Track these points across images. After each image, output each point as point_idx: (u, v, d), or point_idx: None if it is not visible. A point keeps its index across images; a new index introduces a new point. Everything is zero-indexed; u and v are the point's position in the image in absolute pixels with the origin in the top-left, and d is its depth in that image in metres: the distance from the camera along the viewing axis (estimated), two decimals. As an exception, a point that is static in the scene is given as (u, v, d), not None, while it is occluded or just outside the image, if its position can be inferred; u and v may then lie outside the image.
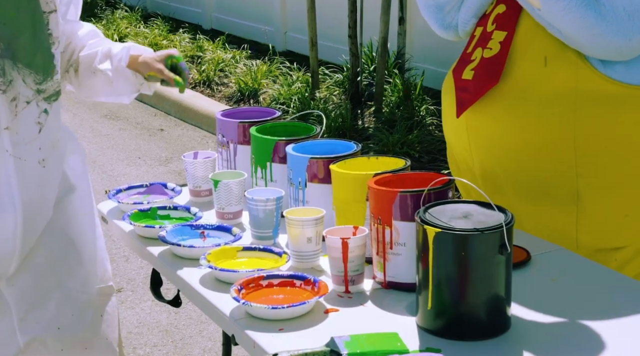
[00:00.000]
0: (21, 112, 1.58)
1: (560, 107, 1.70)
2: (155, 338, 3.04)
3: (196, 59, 6.17)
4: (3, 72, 1.55)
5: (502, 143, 1.79)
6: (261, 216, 1.76)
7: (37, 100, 1.60)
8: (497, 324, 1.41)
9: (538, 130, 1.73)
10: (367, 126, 4.74)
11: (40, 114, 1.61)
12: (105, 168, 4.65)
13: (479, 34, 1.80)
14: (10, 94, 1.56)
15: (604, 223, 1.76)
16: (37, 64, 1.61)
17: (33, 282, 1.67)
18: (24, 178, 1.59)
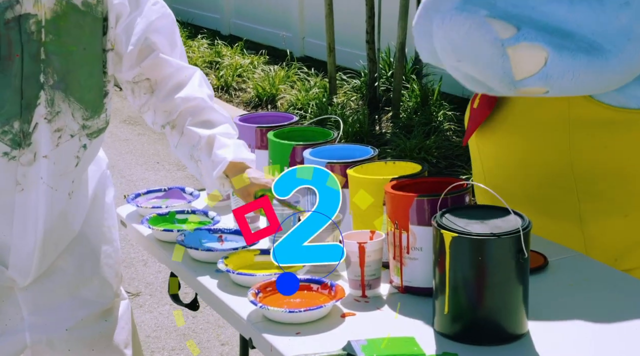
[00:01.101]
0: (63, 144, 1.59)
1: (555, 132, 1.72)
2: (173, 342, 3.05)
3: (214, 65, 6.21)
4: (52, 102, 1.57)
5: (506, 169, 1.82)
6: (279, 220, 1.76)
7: (80, 135, 1.62)
8: (514, 329, 1.40)
9: (537, 156, 1.76)
10: (384, 131, 4.74)
11: (80, 149, 1.63)
12: (124, 173, 4.68)
13: None
14: (55, 125, 1.58)
15: (612, 247, 1.76)
16: (87, 101, 1.62)
17: (46, 289, 1.70)
18: (51, 208, 1.61)
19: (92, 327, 1.76)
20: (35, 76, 1.54)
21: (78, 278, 1.74)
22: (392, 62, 5.12)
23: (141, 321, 3.18)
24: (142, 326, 3.15)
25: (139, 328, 3.13)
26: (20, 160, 1.56)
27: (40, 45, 1.54)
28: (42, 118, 1.56)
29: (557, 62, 1.56)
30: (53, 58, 1.55)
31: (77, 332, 1.73)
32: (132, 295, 3.37)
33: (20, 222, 1.60)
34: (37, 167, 1.57)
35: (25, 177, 1.57)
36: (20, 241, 1.61)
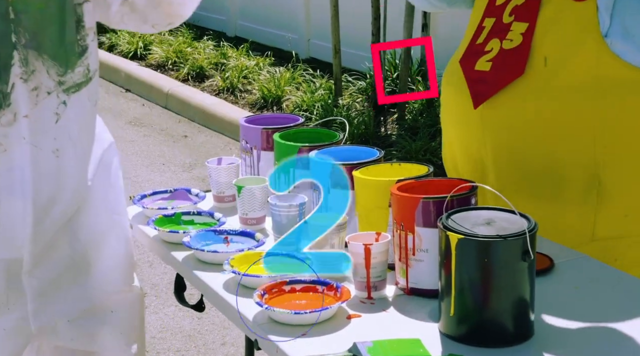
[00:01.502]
0: (42, 102, 1.59)
1: (579, 94, 1.70)
2: (178, 343, 3.05)
3: (220, 66, 6.21)
4: (26, 62, 1.57)
5: (519, 131, 1.77)
6: (284, 222, 1.77)
7: (57, 92, 1.61)
8: (520, 331, 1.40)
9: (555, 119, 1.72)
10: (389, 133, 4.74)
11: (59, 105, 1.62)
12: (129, 174, 4.69)
13: (489, 24, 1.80)
14: (32, 84, 1.58)
15: (624, 213, 1.74)
16: (60, 57, 1.61)
17: (52, 276, 1.68)
18: (37, 167, 1.60)
19: (97, 318, 1.74)
20: (7, 36, 1.54)
21: (83, 265, 1.72)
22: (397, 63, 5.12)
23: (147, 323, 3.17)
24: (147, 327, 3.15)
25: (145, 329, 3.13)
26: (0, 121, 1.56)
27: (8, 4, 1.53)
28: (18, 78, 1.56)
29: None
30: (22, 17, 1.54)
31: (81, 322, 1.72)
32: (137, 296, 3.38)
33: (6, 185, 1.58)
34: (17, 126, 1.57)
35: (6, 137, 1.57)
36: (8, 206, 1.59)
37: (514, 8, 1.77)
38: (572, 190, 1.75)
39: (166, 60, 6.54)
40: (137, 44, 6.84)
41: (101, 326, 1.75)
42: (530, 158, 1.77)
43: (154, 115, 5.82)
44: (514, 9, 1.77)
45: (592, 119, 1.70)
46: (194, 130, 5.49)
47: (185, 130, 5.50)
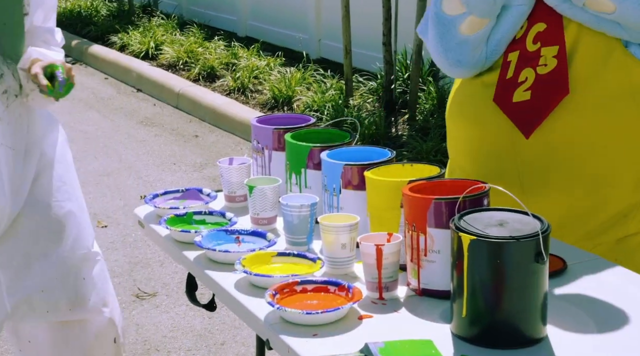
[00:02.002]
0: (11, 105, 1.68)
1: (620, 103, 1.74)
2: (189, 342, 3.06)
3: (231, 66, 6.22)
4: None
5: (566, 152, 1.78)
6: (295, 222, 1.77)
7: (20, 95, 1.72)
8: (532, 333, 1.40)
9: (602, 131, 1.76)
10: (400, 134, 4.74)
11: (22, 108, 1.73)
12: (140, 174, 4.70)
13: (514, 58, 1.82)
14: (2, 87, 1.67)
15: None
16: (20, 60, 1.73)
17: (19, 249, 1.77)
18: (12, 166, 1.70)
19: (69, 287, 1.81)
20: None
21: (43, 236, 1.80)
22: (408, 64, 5.11)
23: (158, 322, 3.19)
24: (158, 326, 3.16)
25: (156, 328, 3.15)
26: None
27: None
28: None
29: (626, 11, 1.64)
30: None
31: (54, 292, 1.79)
32: (148, 295, 3.39)
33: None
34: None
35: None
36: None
37: (536, 35, 1.80)
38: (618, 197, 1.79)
39: (177, 60, 6.55)
40: (149, 44, 6.86)
41: (74, 295, 1.83)
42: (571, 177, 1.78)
43: (165, 115, 5.83)
44: (537, 36, 1.80)
45: (636, 125, 1.75)
46: (204, 130, 5.49)
47: (196, 130, 5.51)
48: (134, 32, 7.24)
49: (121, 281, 3.49)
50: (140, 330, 3.14)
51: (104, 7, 8.30)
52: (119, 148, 5.14)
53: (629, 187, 1.79)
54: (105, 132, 5.45)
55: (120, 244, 3.81)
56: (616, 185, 1.79)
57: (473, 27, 1.82)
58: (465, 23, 1.82)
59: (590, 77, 1.76)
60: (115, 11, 8.15)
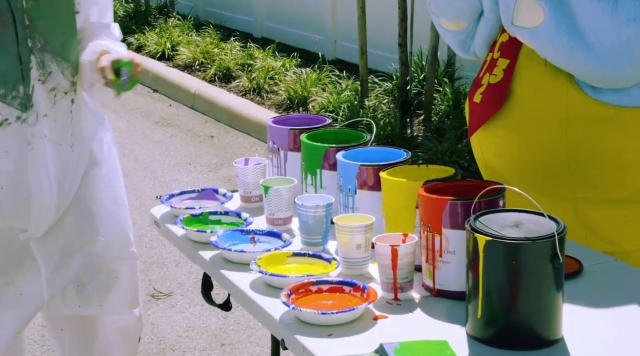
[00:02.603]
0: (59, 102, 1.73)
1: (552, 127, 1.80)
2: (204, 342, 3.07)
3: (247, 67, 6.24)
4: (43, 64, 1.70)
5: (506, 160, 1.89)
6: (311, 222, 1.77)
7: (71, 91, 1.75)
8: (548, 334, 1.39)
9: (535, 150, 1.83)
10: (416, 135, 4.73)
11: (72, 104, 1.76)
12: (156, 174, 4.72)
13: (489, 59, 1.91)
14: (50, 85, 1.71)
15: (608, 231, 1.82)
16: (72, 59, 1.76)
17: (60, 244, 1.82)
18: (59, 162, 1.75)
19: (102, 284, 1.87)
20: (25, 41, 1.68)
21: (86, 233, 1.86)
22: (424, 65, 5.11)
23: (173, 321, 3.20)
24: (173, 326, 3.17)
25: (171, 328, 3.16)
26: (28, 122, 1.70)
27: (24, 11, 1.67)
28: (36, 81, 1.71)
29: (547, 31, 1.71)
30: (36, 23, 1.69)
31: (87, 288, 1.85)
32: (164, 295, 3.40)
33: (36, 182, 1.74)
34: (40, 125, 1.72)
35: (33, 136, 1.72)
36: (40, 199, 1.74)
37: (501, 44, 1.87)
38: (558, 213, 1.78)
39: (193, 61, 6.57)
40: (165, 44, 6.88)
41: (107, 293, 1.88)
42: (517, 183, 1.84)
43: (180, 115, 5.86)
44: (501, 45, 1.87)
45: (563, 148, 1.79)
46: (220, 131, 5.51)
47: (212, 130, 5.53)
48: (151, 32, 7.27)
49: (137, 280, 3.51)
50: (156, 329, 3.15)
51: (120, 8, 8.34)
52: (135, 149, 5.16)
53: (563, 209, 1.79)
54: (121, 132, 5.48)
55: (136, 244, 3.82)
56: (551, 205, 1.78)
57: (448, 26, 1.92)
58: (442, 21, 1.94)
59: (534, 95, 1.81)
60: (132, 12, 8.19)
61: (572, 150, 1.79)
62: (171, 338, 3.09)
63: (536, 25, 1.72)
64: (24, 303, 1.81)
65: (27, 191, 1.74)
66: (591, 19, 1.68)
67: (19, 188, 1.74)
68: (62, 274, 1.83)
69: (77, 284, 1.84)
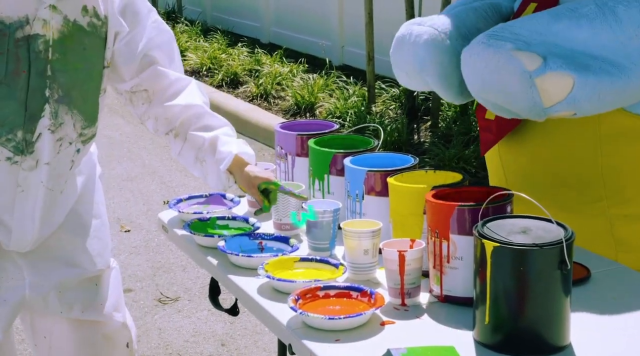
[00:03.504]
0: (63, 151, 1.75)
1: (586, 142, 1.76)
2: (211, 347, 3.07)
3: (254, 73, 6.25)
4: (56, 115, 1.72)
5: (534, 177, 1.84)
6: (318, 228, 1.77)
7: (76, 142, 1.78)
8: (556, 341, 1.39)
9: (567, 166, 1.79)
10: (423, 141, 4.73)
11: (74, 153, 1.79)
12: (164, 179, 4.73)
13: None
14: (58, 135, 1.73)
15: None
16: (88, 112, 1.78)
17: (44, 256, 1.85)
18: (48, 204, 1.78)
19: (84, 291, 1.89)
20: (41, 91, 1.69)
21: (71, 249, 1.88)
22: (431, 71, 5.11)
23: (179, 326, 3.21)
24: (180, 331, 3.18)
25: (177, 333, 3.16)
26: (22, 166, 1.72)
27: (47, 62, 1.69)
28: (46, 129, 1.72)
29: (583, 85, 1.60)
30: (58, 75, 1.70)
31: (69, 294, 1.88)
32: (171, 299, 3.41)
33: (20, 214, 1.76)
34: (38, 172, 1.74)
35: (25, 180, 1.74)
36: (20, 228, 1.78)
37: None
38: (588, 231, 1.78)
39: (201, 67, 6.59)
40: (173, 50, 6.90)
41: (88, 299, 1.90)
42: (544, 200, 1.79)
43: (188, 120, 5.87)
44: None
45: (597, 163, 1.75)
46: (227, 136, 5.52)
47: (219, 135, 5.54)
48: (158, 38, 7.29)
49: (144, 285, 3.51)
50: (163, 334, 3.16)
51: (128, 14, 8.36)
52: (143, 154, 5.17)
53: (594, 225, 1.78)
54: (129, 137, 5.49)
55: (143, 249, 3.84)
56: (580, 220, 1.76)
57: None
58: None
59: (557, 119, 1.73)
60: (140, 18, 8.20)
61: (607, 164, 1.75)
62: (178, 343, 3.10)
63: (569, 91, 1.61)
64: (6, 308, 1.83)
65: (9, 221, 1.77)
66: (607, 44, 1.63)
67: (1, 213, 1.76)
68: (44, 281, 1.85)
69: (59, 291, 1.86)
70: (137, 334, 2.05)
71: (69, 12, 1.70)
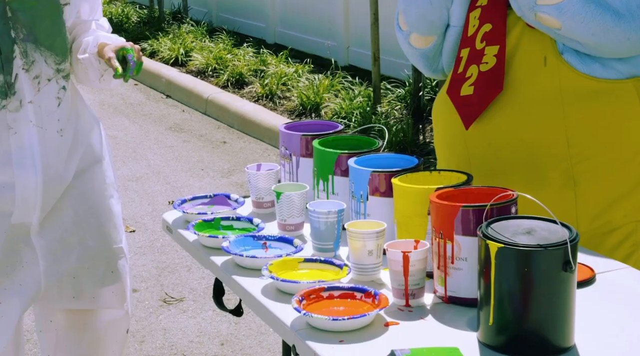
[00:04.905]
0: (43, 88, 1.82)
1: (549, 105, 1.85)
2: (215, 348, 3.07)
3: (259, 73, 6.25)
4: (26, 54, 1.80)
5: (500, 146, 1.90)
6: (322, 228, 1.77)
7: (57, 78, 1.84)
8: (560, 342, 1.39)
9: (532, 129, 1.86)
10: (428, 141, 4.73)
11: (60, 90, 1.85)
12: (169, 180, 4.73)
13: (466, 54, 1.94)
14: (33, 73, 1.81)
15: (600, 205, 1.86)
16: (56, 47, 1.85)
17: (59, 237, 1.90)
18: (44, 145, 1.82)
19: (97, 277, 1.94)
20: (7, 33, 1.78)
21: (83, 228, 1.93)
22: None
23: (184, 327, 3.21)
24: (185, 331, 3.18)
25: (182, 333, 3.16)
26: (8, 108, 1.79)
27: (5, 4, 1.77)
28: (20, 69, 1.80)
29: (575, 1, 1.73)
30: (18, 14, 1.78)
31: (82, 280, 1.92)
32: (175, 300, 3.41)
33: (19, 161, 1.82)
34: (24, 111, 1.81)
35: (15, 121, 1.81)
36: (22, 178, 1.82)
37: (484, 35, 1.91)
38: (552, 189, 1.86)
39: (206, 67, 6.60)
40: (178, 50, 6.91)
41: (100, 286, 1.95)
42: (509, 170, 1.88)
43: (193, 121, 5.88)
44: (484, 35, 1.91)
45: (562, 125, 1.84)
46: (232, 136, 5.52)
47: (224, 136, 5.54)
48: (164, 38, 7.30)
49: (148, 286, 3.52)
50: (167, 334, 3.16)
51: (134, 14, 8.39)
52: (148, 154, 5.18)
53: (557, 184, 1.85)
54: (134, 137, 5.50)
55: (148, 249, 3.84)
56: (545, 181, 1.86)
57: (420, 43, 2.00)
58: (413, 38, 2.00)
59: (526, 78, 1.85)
60: (146, 18, 8.23)
61: (570, 125, 1.83)
62: (183, 344, 3.10)
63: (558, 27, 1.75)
64: (24, 292, 1.87)
65: (10, 172, 1.82)
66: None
67: (2, 169, 1.82)
68: (59, 266, 1.90)
69: (72, 276, 1.91)
70: (141, 334, 2.07)
71: None
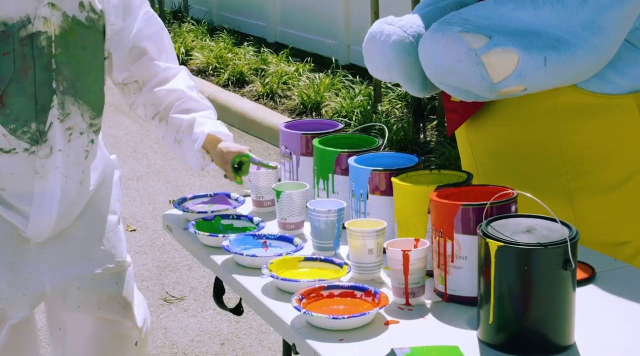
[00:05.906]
0: (74, 140, 1.85)
1: (543, 120, 1.83)
2: (216, 346, 3.08)
3: (260, 72, 6.25)
4: (63, 105, 1.82)
5: (497, 158, 1.91)
6: (323, 227, 1.77)
7: (88, 132, 1.88)
8: (560, 340, 1.39)
9: (527, 144, 1.86)
10: (428, 140, 4.73)
11: (88, 143, 1.89)
12: (169, 179, 4.73)
13: None
14: (66, 124, 1.83)
15: (601, 222, 1.84)
16: (94, 103, 1.88)
17: (61, 249, 1.91)
18: (66, 192, 1.86)
19: (102, 288, 1.95)
20: (48, 84, 1.80)
21: (88, 242, 1.94)
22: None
23: (185, 326, 3.21)
24: (185, 330, 3.18)
25: (183, 332, 3.17)
26: (38, 154, 1.82)
27: (51, 57, 1.79)
28: (55, 118, 1.82)
29: (529, 60, 1.68)
30: (62, 67, 1.80)
31: (87, 290, 1.93)
32: (176, 299, 3.41)
33: (39, 202, 1.84)
34: (53, 158, 1.83)
35: (43, 168, 1.83)
36: (37, 216, 1.85)
37: None
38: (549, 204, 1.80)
39: (207, 66, 6.60)
40: (179, 49, 6.91)
41: (106, 298, 1.95)
42: (509, 181, 1.86)
43: (194, 120, 5.87)
44: None
45: (555, 140, 1.82)
46: (233, 135, 5.52)
47: (225, 135, 5.54)
48: (165, 37, 7.30)
49: (149, 285, 3.52)
50: (168, 333, 3.16)
51: (135, 13, 8.37)
52: (148, 153, 5.18)
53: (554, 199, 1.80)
54: (134, 136, 5.51)
55: (148, 248, 3.84)
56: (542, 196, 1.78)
57: None
58: None
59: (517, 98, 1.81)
60: (146, 17, 8.22)
61: (565, 140, 1.82)
62: (183, 342, 3.10)
63: (515, 66, 1.69)
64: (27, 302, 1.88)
65: (27, 209, 1.84)
66: (551, 22, 1.70)
67: (21, 202, 1.84)
68: (63, 276, 1.91)
69: (77, 286, 1.92)
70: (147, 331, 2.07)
71: (67, 9, 1.80)
